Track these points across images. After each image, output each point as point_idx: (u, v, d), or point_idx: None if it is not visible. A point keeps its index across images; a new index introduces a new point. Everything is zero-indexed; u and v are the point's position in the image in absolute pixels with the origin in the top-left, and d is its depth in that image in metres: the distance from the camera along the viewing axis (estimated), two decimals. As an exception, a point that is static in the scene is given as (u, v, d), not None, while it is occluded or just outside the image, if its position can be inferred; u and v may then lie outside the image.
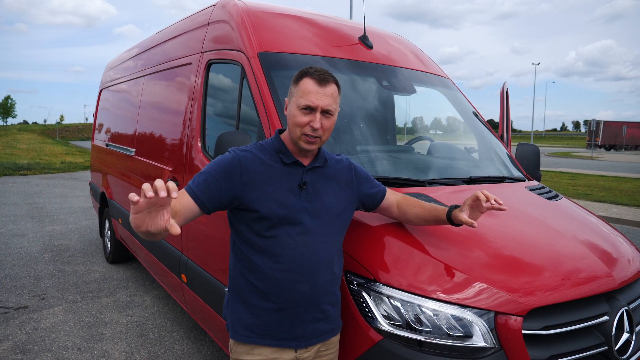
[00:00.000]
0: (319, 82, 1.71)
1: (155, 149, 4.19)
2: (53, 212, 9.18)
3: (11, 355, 3.59)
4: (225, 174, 1.73)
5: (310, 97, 1.70)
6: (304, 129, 1.72)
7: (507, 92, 4.11)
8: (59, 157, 23.39)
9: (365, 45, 3.26)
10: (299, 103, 1.72)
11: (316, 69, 1.75)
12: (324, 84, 1.71)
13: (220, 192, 1.72)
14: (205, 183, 1.72)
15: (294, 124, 1.74)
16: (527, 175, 3.28)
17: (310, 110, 1.71)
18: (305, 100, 1.70)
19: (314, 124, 1.70)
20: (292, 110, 1.74)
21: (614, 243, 2.45)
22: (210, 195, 1.72)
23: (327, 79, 1.73)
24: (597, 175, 18.76)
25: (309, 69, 1.75)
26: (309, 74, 1.73)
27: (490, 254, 2.06)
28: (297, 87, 1.75)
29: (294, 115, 1.73)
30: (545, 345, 1.85)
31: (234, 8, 3.09)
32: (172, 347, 3.82)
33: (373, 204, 2.06)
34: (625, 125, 49.66)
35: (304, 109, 1.71)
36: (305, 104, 1.70)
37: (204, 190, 1.71)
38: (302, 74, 1.75)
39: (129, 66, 5.64)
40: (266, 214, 1.74)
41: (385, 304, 1.88)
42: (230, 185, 1.73)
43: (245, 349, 1.83)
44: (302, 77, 1.74)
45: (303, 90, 1.72)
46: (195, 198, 1.71)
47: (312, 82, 1.71)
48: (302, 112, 1.71)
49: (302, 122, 1.72)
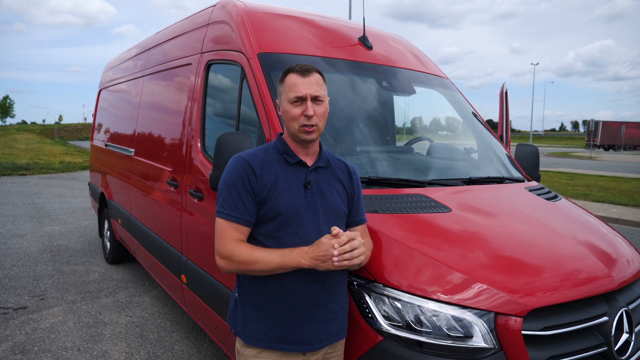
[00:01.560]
0: (302, 74, 1.78)
1: (154, 150, 4.19)
2: (52, 212, 9.17)
3: (11, 355, 3.59)
4: (247, 181, 1.76)
5: (297, 88, 1.77)
6: (300, 120, 1.77)
7: (507, 93, 4.12)
8: (57, 157, 23.36)
9: (364, 45, 3.26)
10: (289, 97, 1.78)
11: (298, 64, 1.82)
12: (307, 74, 1.79)
13: (251, 201, 1.76)
14: (239, 203, 1.75)
15: (289, 118, 1.79)
16: (526, 176, 3.28)
17: (301, 100, 1.77)
18: (294, 93, 1.77)
19: (307, 112, 1.76)
20: (284, 106, 1.81)
21: (613, 244, 2.46)
22: (249, 211, 1.76)
23: (309, 70, 1.80)
24: (596, 175, 18.79)
25: (290, 66, 1.83)
26: (292, 70, 1.81)
27: (490, 255, 2.06)
28: (283, 84, 1.82)
29: (287, 111, 1.79)
30: (545, 345, 1.86)
31: (234, 9, 3.09)
32: (172, 347, 3.82)
33: (347, 223, 1.98)
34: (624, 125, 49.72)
35: (294, 101, 1.77)
36: (294, 95, 1.77)
37: (243, 211, 1.76)
38: (285, 72, 1.83)
39: (128, 66, 5.64)
40: (274, 214, 1.76)
41: (385, 305, 1.88)
42: (253, 190, 1.76)
43: (253, 352, 1.83)
44: (286, 75, 1.82)
45: (289, 85, 1.79)
46: (243, 222, 1.76)
47: (296, 75, 1.79)
48: (294, 105, 1.78)
49: (296, 114, 1.77)
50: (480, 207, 2.47)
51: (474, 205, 2.47)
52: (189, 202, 3.27)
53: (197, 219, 3.15)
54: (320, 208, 1.82)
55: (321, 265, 1.67)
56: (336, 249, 1.64)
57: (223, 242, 1.75)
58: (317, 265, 1.68)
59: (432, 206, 2.34)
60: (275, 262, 1.70)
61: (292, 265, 1.70)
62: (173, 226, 3.58)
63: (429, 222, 2.22)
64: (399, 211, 2.24)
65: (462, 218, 2.29)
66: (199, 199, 3.07)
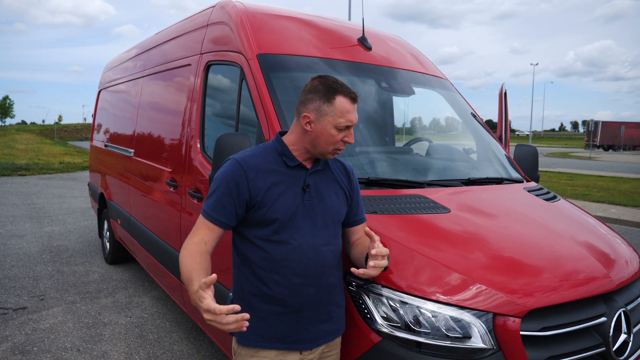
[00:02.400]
0: (353, 101, 1.75)
1: (154, 150, 4.20)
2: (52, 213, 9.17)
3: (10, 356, 3.59)
4: (234, 184, 1.74)
5: (350, 116, 1.74)
6: (337, 145, 1.77)
7: (506, 94, 4.12)
8: (57, 158, 23.35)
9: (364, 46, 3.27)
10: (338, 123, 1.73)
11: (342, 84, 1.76)
12: (355, 102, 1.76)
13: (235, 205, 1.75)
14: (219, 203, 1.75)
15: (329, 142, 1.76)
16: (525, 177, 3.29)
17: (347, 128, 1.76)
18: (346, 121, 1.74)
19: (349, 139, 1.76)
20: (328, 128, 1.74)
21: (611, 244, 2.47)
22: (227, 213, 1.76)
23: (356, 98, 1.77)
24: (596, 176, 18.80)
25: (338, 87, 1.74)
26: (342, 93, 1.73)
27: (488, 256, 2.07)
28: (331, 105, 1.73)
29: (330, 135, 1.74)
30: (544, 346, 1.86)
31: (233, 9, 3.09)
32: (172, 347, 3.82)
33: (347, 222, 1.99)
34: (623, 126, 49.73)
35: (343, 128, 1.74)
36: (346, 124, 1.74)
37: (220, 212, 1.76)
38: (333, 91, 1.73)
39: (128, 67, 5.64)
40: (272, 217, 1.74)
41: (384, 305, 1.89)
42: (241, 194, 1.74)
43: (250, 352, 1.83)
44: (335, 95, 1.73)
45: (341, 110, 1.73)
46: (216, 222, 1.77)
47: (348, 102, 1.74)
48: (339, 131, 1.75)
49: (337, 140, 1.76)
50: (479, 207, 2.48)
51: (473, 206, 2.47)
52: (188, 202, 3.27)
53: (196, 219, 3.15)
54: (318, 211, 1.81)
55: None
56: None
57: (190, 234, 1.79)
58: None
59: (431, 207, 2.34)
60: (183, 276, 1.67)
61: (187, 289, 1.64)
62: (172, 226, 3.58)
63: (427, 222, 2.23)
64: (398, 212, 2.25)
65: (461, 219, 2.30)
66: (199, 200, 3.08)
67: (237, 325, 1.47)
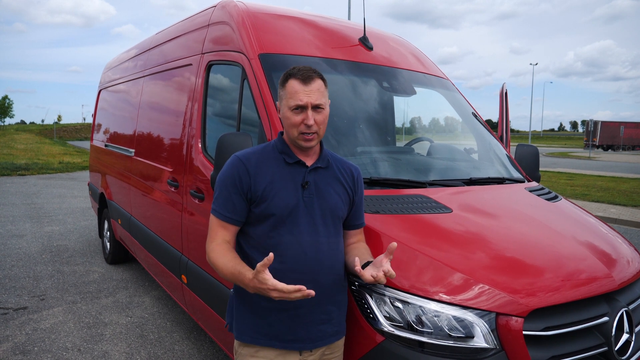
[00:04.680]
0: (303, 81, 1.75)
1: (155, 150, 4.19)
2: (52, 213, 9.16)
3: (11, 356, 3.59)
4: (238, 179, 1.79)
5: (298, 96, 1.74)
6: (300, 128, 1.76)
7: (506, 94, 4.13)
8: (57, 157, 23.34)
9: (365, 46, 3.27)
10: (289, 104, 1.76)
11: (299, 68, 1.79)
12: (308, 82, 1.76)
13: (243, 200, 1.80)
14: (229, 201, 1.80)
15: (289, 125, 1.78)
16: (526, 176, 3.29)
17: (301, 109, 1.75)
18: (294, 101, 1.75)
19: (307, 121, 1.75)
20: (285, 112, 1.79)
21: (613, 244, 2.47)
22: (238, 209, 1.80)
23: (311, 76, 1.77)
24: (595, 176, 18.81)
25: (292, 70, 1.80)
26: (293, 75, 1.77)
27: (491, 255, 2.07)
28: (284, 89, 1.79)
29: (287, 117, 1.78)
30: (546, 346, 1.86)
31: (234, 9, 3.09)
32: (172, 347, 3.82)
33: (345, 225, 1.98)
34: (622, 126, 49.78)
35: (295, 109, 1.76)
36: (295, 104, 1.75)
37: (231, 209, 1.80)
38: (286, 76, 1.80)
39: (128, 67, 5.64)
40: (270, 213, 1.77)
41: (387, 305, 1.89)
42: (245, 189, 1.79)
43: (250, 351, 1.83)
44: (287, 79, 1.79)
45: (290, 92, 1.76)
46: (229, 220, 1.81)
47: (297, 82, 1.75)
48: (294, 112, 1.76)
49: (296, 122, 1.76)
50: (481, 207, 2.48)
51: (475, 206, 2.47)
52: (189, 202, 3.27)
53: (197, 219, 3.15)
54: (318, 209, 1.82)
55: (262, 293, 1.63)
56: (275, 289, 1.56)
57: (210, 238, 1.85)
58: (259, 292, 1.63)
59: (433, 207, 2.34)
60: (228, 273, 1.71)
61: (239, 283, 1.69)
62: (173, 226, 3.58)
63: (430, 222, 2.23)
64: (399, 212, 2.25)
65: (462, 218, 2.30)
66: (200, 200, 3.08)
67: (302, 294, 1.55)
